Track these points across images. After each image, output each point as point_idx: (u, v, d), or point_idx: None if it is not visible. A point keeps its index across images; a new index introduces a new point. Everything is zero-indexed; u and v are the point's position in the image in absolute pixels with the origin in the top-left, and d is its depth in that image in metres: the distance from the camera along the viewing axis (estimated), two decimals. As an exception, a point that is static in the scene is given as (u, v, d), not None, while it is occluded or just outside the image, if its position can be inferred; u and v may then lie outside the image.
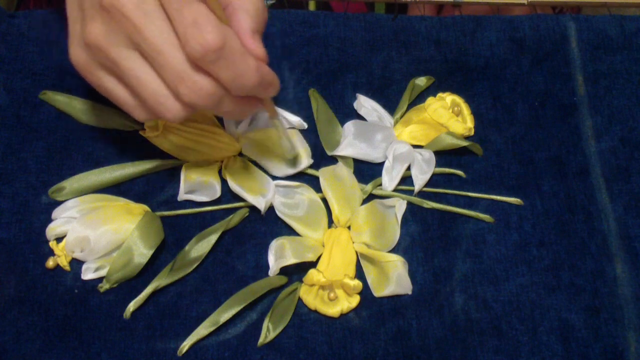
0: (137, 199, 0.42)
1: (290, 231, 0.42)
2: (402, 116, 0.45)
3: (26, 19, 0.45)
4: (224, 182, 0.42)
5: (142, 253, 0.39)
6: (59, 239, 0.40)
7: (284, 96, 0.45)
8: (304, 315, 0.40)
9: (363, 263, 0.41)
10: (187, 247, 0.40)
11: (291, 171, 0.42)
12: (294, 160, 0.42)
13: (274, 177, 0.42)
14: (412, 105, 0.46)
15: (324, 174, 0.42)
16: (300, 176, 0.43)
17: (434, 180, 0.43)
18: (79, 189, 0.41)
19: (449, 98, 0.45)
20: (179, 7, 0.29)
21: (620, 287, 0.41)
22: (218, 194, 0.41)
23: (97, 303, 0.39)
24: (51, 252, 0.40)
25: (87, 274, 0.39)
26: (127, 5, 0.29)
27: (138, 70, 0.31)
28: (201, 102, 0.31)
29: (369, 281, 0.41)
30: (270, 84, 0.33)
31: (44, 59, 0.44)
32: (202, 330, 0.39)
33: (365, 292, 0.40)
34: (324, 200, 0.42)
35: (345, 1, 0.51)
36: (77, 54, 0.33)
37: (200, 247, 0.40)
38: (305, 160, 0.42)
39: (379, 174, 0.43)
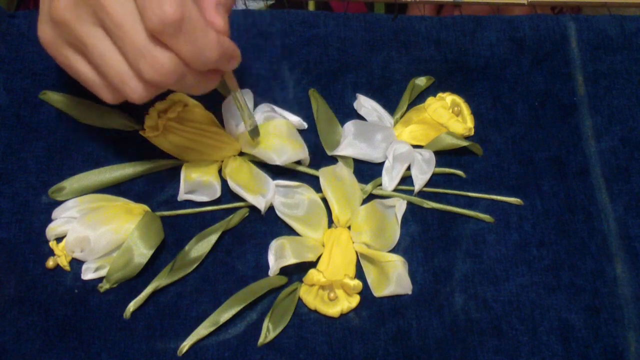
0: (137, 199, 0.42)
1: (290, 231, 0.42)
2: (402, 116, 0.45)
3: (26, 19, 0.45)
4: (224, 182, 0.42)
5: (142, 253, 0.39)
6: (59, 239, 0.40)
7: (284, 96, 0.45)
8: (304, 315, 0.40)
9: (363, 263, 0.41)
10: (187, 247, 0.40)
11: (283, 157, 0.41)
12: (253, 132, 0.40)
13: (274, 177, 0.42)
14: (412, 105, 0.46)
15: (324, 174, 0.42)
16: (300, 176, 0.43)
17: (434, 180, 0.43)
18: (79, 189, 0.41)
19: (449, 98, 0.45)
20: None
21: (620, 287, 0.41)
22: (218, 194, 0.41)
23: (97, 303, 0.39)
24: (51, 252, 0.40)
25: (87, 274, 0.39)
26: None
27: (102, 47, 0.31)
28: (162, 79, 0.31)
29: (369, 281, 0.41)
30: (231, 57, 0.33)
31: (44, 59, 0.44)
32: (202, 330, 0.39)
33: (365, 292, 0.40)
34: (324, 200, 0.42)
35: (345, 1, 0.51)
36: (44, 31, 0.33)
37: (200, 247, 0.40)
38: (301, 153, 0.42)
39: (379, 174, 0.43)
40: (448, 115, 0.44)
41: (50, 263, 0.40)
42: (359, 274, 0.41)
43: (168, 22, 0.29)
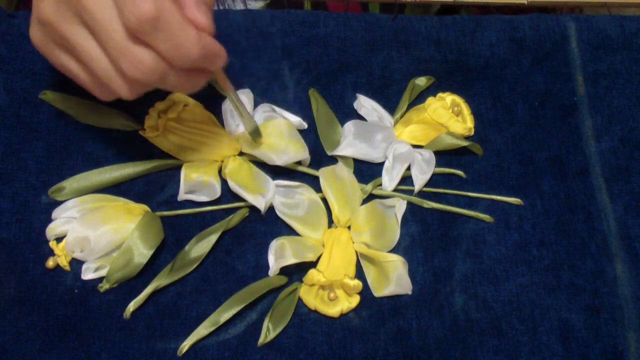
0: (137, 199, 0.42)
1: (290, 231, 0.42)
2: (402, 116, 0.45)
3: (26, 19, 0.45)
4: (224, 182, 0.42)
5: (142, 253, 0.39)
6: (59, 239, 0.40)
7: (284, 96, 0.45)
8: (304, 315, 0.40)
9: (363, 263, 0.41)
10: (187, 247, 0.40)
11: (284, 157, 0.41)
12: (254, 133, 0.40)
13: (274, 177, 0.42)
14: (412, 105, 0.46)
15: (324, 174, 0.42)
16: (300, 176, 0.43)
17: (434, 180, 0.43)
18: (79, 189, 0.41)
19: (449, 98, 0.45)
20: None
21: (620, 287, 0.41)
22: (218, 194, 0.41)
23: (97, 303, 0.39)
24: (51, 252, 0.40)
25: (87, 274, 0.39)
26: None
27: (87, 46, 0.31)
28: (143, 77, 0.31)
29: (369, 281, 0.41)
30: (215, 55, 0.33)
31: (44, 59, 0.44)
32: (202, 330, 0.39)
33: (365, 292, 0.40)
34: (324, 200, 0.42)
35: (342, 1, 0.51)
36: (35, 33, 0.33)
37: (200, 247, 0.40)
38: (302, 154, 0.42)
39: (379, 174, 0.43)
40: (448, 115, 0.44)
41: (50, 263, 0.40)
42: (359, 274, 0.41)
43: (144, 19, 0.29)
